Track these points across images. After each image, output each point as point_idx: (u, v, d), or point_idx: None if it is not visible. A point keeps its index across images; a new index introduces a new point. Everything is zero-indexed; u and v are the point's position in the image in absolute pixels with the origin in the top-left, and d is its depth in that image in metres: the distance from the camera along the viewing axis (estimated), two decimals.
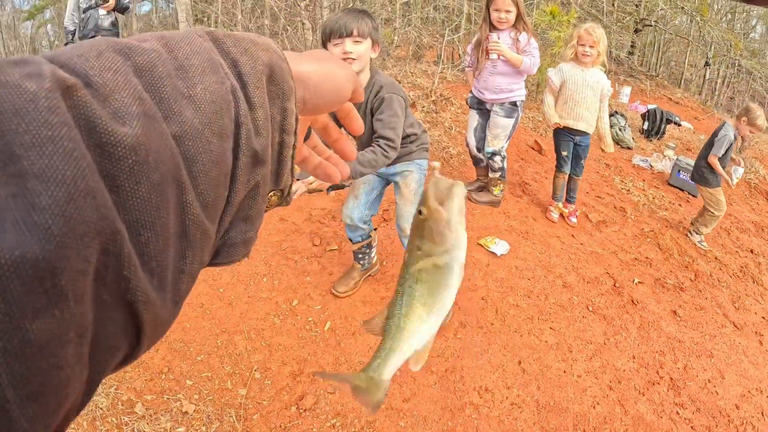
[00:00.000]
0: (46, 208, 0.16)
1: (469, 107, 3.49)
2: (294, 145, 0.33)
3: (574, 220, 3.60)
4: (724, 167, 3.72)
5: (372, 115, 1.92)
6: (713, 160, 3.70)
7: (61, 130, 0.17)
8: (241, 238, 0.31)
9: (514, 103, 3.22)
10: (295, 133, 0.33)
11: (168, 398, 1.84)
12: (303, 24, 4.73)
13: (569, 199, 3.60)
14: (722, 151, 3.69)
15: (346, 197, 2.29)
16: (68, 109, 0.18)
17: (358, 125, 0.44)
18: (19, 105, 0.17)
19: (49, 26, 12.86)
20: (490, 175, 3.44)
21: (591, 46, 3.14)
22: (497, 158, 3.33)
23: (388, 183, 2.29)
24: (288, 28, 4.92)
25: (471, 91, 3.41)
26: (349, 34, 1.75)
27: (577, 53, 3.20)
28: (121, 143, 0.20)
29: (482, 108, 3.35)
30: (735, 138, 3.71)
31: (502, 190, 3.49)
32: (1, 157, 0.15)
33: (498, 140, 3.28)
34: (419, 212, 0.40)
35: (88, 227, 0.17)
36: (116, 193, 0.19)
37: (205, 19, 7.63)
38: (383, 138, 1.87)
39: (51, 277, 0.16)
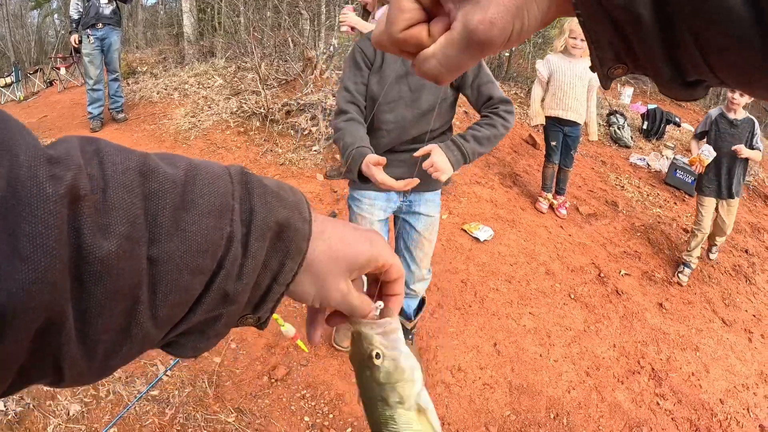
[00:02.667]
0: (17, 280, 0.22)
1: None
2: (282, 293, 0.36)
3: (563, 211, 3.59)
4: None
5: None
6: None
7: (53, 231, 0.23)
8: (191, 345, 0.34)
9: None
10: (288, 284, 0.36)
11: (145, 363, 1.87)
12: (301, 14, 4.75)
13: (559, 191, 3.59)
14: (701, 129, 3.33)
15: None
16: (68, 217, 0.24)
17: (397, 304, 0.43)
18: (34, 201, 0.22)
19: (56, 16, 13.01)
20: None
21: (582, 39, 3.14)
22: None
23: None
24: (287, 18, 4.96)
25: None
26: None
27: (568, 45, 3.20)
28: (94, 254, 0.25)
29: None
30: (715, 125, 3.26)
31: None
32: (8, 230, 0.22)
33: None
34: (374, 357, 0.40)
35: (40, 303, 0.23)
36: (78, 284, 0.25)
37: (209, 9, 7.68)
38: (502, 102, 1.37)
39: (2, 320, 0.21)
